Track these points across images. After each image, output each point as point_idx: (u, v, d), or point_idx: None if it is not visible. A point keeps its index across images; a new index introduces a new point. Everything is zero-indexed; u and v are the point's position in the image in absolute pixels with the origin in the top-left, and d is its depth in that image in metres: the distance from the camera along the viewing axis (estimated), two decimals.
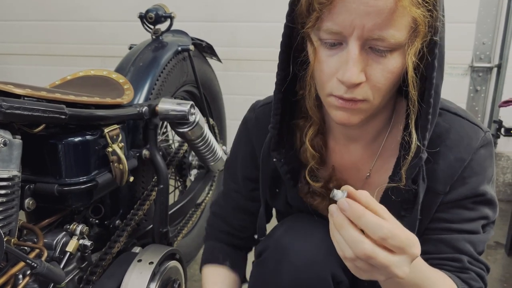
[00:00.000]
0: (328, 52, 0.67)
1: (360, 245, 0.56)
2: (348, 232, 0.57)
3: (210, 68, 1.88)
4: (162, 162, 1.35)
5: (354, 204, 0.58)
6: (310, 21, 0.65)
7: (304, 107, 0.81)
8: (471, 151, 0.76)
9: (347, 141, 0.84)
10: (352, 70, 0.63)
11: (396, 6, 0.60)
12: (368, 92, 0.67)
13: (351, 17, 0.61)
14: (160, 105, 1.30)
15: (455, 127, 0.77)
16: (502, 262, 1.99)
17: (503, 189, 2.59)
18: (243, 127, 0.97)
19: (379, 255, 0.55)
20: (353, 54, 0.63)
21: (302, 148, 0.84)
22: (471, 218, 0.79)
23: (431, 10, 0.63)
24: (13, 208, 0.92)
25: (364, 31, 0.61)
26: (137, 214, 1.33)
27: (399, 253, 0.57)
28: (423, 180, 0.75)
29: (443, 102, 0.80)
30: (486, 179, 0.78)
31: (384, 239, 0.55)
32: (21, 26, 3.08)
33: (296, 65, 0.76)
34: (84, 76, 1.35)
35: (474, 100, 2.53)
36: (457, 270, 0.78)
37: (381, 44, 0.63)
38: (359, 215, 0.57)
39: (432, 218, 0.81)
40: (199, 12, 2.69)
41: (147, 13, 1.55)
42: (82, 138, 1.09)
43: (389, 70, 0.65)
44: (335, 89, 0.68)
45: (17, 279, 0.95)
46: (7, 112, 0.86)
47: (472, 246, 0.79)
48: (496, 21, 2.41)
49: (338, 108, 0.70)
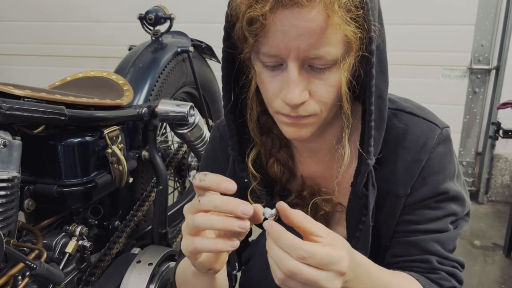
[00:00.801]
0: (271, 73, 0.68)
1: (284, 262, 0.56)
2: (274, 252, 0.57)
3: (210, 69, 1.88)
4: (161, 163, 1.35)
5: (274, 226, 0.57)
6: (247, 46, 0.66)
7: (261, 123, 0.82)
8: (428, 150, 0.75)
9: (310, 152, 0.85)
10: (293, 91, 0.64)
11: (327, 24, 0.60)
12: (314, 106, 0.68)
13: (285, 39, 0.62)
14: (159, 107, 1.31)
15: (411, 127, 0.77)
16: (500, 264, 2.00)
17: (501, 191, 2.60)
18: (209, 146, 0.96)
19: (303, 271, 0.55)
20: (292, 76, 0.64)
21: (268, 164, 0.84)
22: (436, 217, 0.78)
23: (362, 26, 0.64)
24: (13, 209, 0.92)
25: (300, 52, 0.62)
26: (136, 215, 1.33)
27: (325, 269, 0.56)
28: (373, 186, 0.75)
29: (398, 102, 0.80)
30: (447, 177, 0.77)
31: (303, 258, 0.55)
32: (20, 26, 3.08)
33: (238, 88, 0.77)
34: (83, 77, 1.36)
35: (473, 102, 2.54)
36: (427, 271, 0.78)
37: (318, 63, 0.64)
38: (277, 237, 0.57)
39: (399, 221, 0.80)
40: (198, 13, 2.69)
41: (147, 14, 1.56)
42: (82, 139, 1.09)
43: (331, 84, 0.66)
44: (281, 108, 0.69)
45: (17, 280, 0.96)
46: (7, 113, 0.86)
47: (441, 245, 0.78)
48: (494, 23, 2.41)
49: (287, 124, 0.71)
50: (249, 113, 0.78)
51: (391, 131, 0.77)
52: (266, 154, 0.83)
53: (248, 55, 0.68)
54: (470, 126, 2.59)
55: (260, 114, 0.80)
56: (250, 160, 0.80)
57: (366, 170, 0.72)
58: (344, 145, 0.73)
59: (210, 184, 0.58)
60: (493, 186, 2.60)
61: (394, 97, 0.82)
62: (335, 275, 0.57)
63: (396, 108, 0.79)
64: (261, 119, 0.81)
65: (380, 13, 0.69)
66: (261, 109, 0.78)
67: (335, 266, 0.56)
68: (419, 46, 2.48)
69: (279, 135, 0.82)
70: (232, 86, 0.76)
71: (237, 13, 0.66)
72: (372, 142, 0.70)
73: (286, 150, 0.84)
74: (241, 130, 0.81)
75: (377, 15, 0.67)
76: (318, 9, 0.60)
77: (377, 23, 0.66)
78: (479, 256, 2.05)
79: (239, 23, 0.65)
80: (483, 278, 1.88)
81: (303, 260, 0.55)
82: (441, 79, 2.53)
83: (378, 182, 0.77)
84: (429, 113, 0.80)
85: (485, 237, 2.20)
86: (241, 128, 0.81)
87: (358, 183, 0.74)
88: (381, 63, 0.70)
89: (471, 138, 2.61)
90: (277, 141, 0.83)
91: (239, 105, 0.78)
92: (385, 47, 0.70)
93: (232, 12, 0.68)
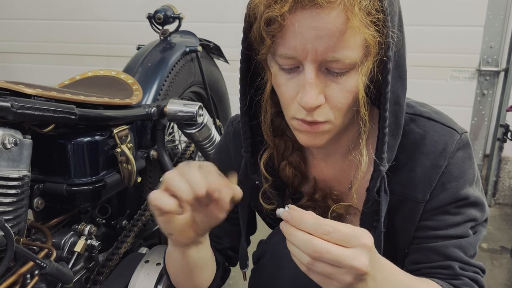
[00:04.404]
0: (287, 76, 0.67)
1: (309, 244, 0.56)
2: (296, 236, 0.58)
3: (217, 69, 1.88)
4: (169, 163, 1.35)
5: (294, 211, 0.59)
6: (264, 47, 0.66)
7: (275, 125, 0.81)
8: (447, 155, 0.75)
9: (324, 155, 0.84)
10: (309, 94, 0.64)
11: (346, 27, 0.59)
12: (329, 113, 0.67)
13: (303, 41, 0.61)
14: (168, 106, 1.30)
15: (430, 132, 0.76)
16: (508, 267, 1.98)
17: (509, 193, 2.58)
18: (223, 140, 0.95)
19: (330, 249, 0.55)
20: (309, 78, 0.64)
21: (280, 167, 0.83)
22: (457, 223, 0.77)
23: (381, 30, 0.63)
24: (23, 208, 0.92)
25: (318, 54, 0.62)
26: (144, 214, 1.33)
27: (349, 246, 0.56)
28: (385, 192, 0.74)
29: (416, 107, 0.79)
30: (467, 182, 0.76)
31: (327, 234, 0.56)
32: (27, 24, 3.09)
33: (252, 90, 0.76)
34: (93, 76, 1.36)
35: (481, 104, 2.53)
36: (449, 278, 0.77)
37: (336, 66, 0.63)
38: (299, 219, 0.58)
39: (418, 226, 0.79)
40: (206, 13, 2.69)
41: (156, 13, 1.56)
42: (91, 139, 1.09)
43: (348, 89, 0.65)
44: (297, 112, 0.68)
45: (26, 279, 0.96)
46: (18, 112, 0.86)
47: (462, 250, 0.77)
48: (504, 25, 2.40)
49: (302, 131, 0.71)
50: (263, 116, 0.77)
51: (409, 136, 0.76)
52: (279, 156, 0.83)
53: (265, 56, 0.68)
54: (478, 128, 2.57)
55: (274, 116, 0.79)
56: (263, 163, 0.80)
57: (378, 176, 0.72)
58: (362, 151, 0.72)
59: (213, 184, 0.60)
60: (500, 188, 2.59)
61: (411, 101, 0.81)
62: (361, 250, 0.56)
63: (414, 113, 0.78)
64: (275, 121, 0.80)
65: (400, 19, 0.68)
66: (275, 110, 0.78)
67: (359, 240, 0.56)
68: (427, 47, 2.46)
69: (292, 138, 0.82)
70: (248, 88, 0.75)
71: (255, 14, 0.65)
72: (385, 149, 0.70)
73: (299, 153, 0.84)
74: (255, 132, 0.80)
75: (397, 21, 0.66)
76: (338, 11, 0.59)
77: (397, 29, 0.65)
78: (486, 259, 2.04)
79: (257, 23, 0.64)
80: (490, 281, 1.87)
81: (328, 235, 0.56)
82: (449, 81, 2.52)
83: (395, 187, 0.77)
84: (447, 118, 0.79)
85: (492, 240, 2.19)
86: (254, 130, 0.80)
87: (371, 189, 0.74)
88: (399, 68, 0.69)
89: (479, 140, 2.59)
90: (290, 144, 0.82)
91: (253, 107, 0.78)
92: (404, 52, 0.69)
93: (250, 13, 0.67)
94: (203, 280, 0.84)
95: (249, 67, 0.74)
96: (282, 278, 0.84)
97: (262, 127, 0.79)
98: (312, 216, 0.58)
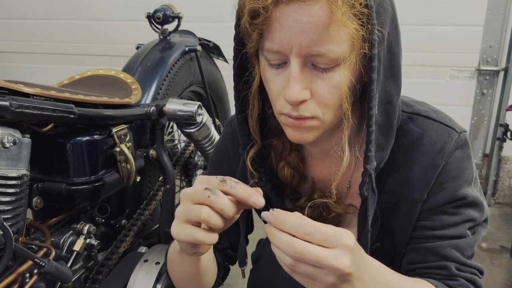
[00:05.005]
0: (275, 71, 0.67)
1: (290, 245, 0.56)
2: (278, 238, 0.57)
3: (217, 69, 1.88)
4: (169, 162, 1.35)
5: (276, 213, 0.59)
6: (251, 41, 0.66)
7: (273, 125, 0.81)
8: (445, 155, 0.74)
9: (321, 155, 0.83)
10: (293, 88, 0.63)
11: (330, 20, 0.59)
12: (315, 108, 0.66)
13: (287, 35, 0.61)
14: (167, 105, 1.30)
15: (428, 131, 0.75)
16: (507, 267, 1.98)
17: (508, 193, 2.58)
18: (221, 140, 0.95)
19: (310, 249, 0.55)
20: (293, 72, 0.63)
21: (278, 168, 0.83)
22: (454, 223, 0.76)
23: (365, 25, 0.62)
24: (22, 207, 0.92)
25: (302, 48, 0.61)
26: (143, 214, 1.33)
27: (331, 247, 0.56)
28: (373, 191, 0.72)
29: (414, 106, 0.78)
30: (465, 182, 0.76)
31: (308, 234, 0.56)
32: (27, 24, 3.09)
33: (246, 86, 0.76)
34: (92, 76, 1.36)
35: (481, 103, 2.53)
36: (445, 278, 0.77)
37: (321, 61, 0.63)
38: (281, 221, 0.58)
39: (415, 226, 0.79)
40: (206, 12, 2.69)
41: (155, 13, 1.56)
42: (90, 138, 1.09)
43: (334, 85, 0.64)
44: (284, 108, 0.68)
45: (25, 278, 0.96)
46: (17, 111, 0.86)
47: (459, 251, 0.76)
48: (503, 25, 2.40)
49: (290, 126, 0.70)
50: (250, 110, 0.77)
51: (407, 135, 0.75)
52: (277, 157, 0.82)
53: (252, 50, 0.68)
54: (478, 128, 2.57)
55: (271, 117, 0.79)
56: (249, 159, 0.79)
57: (364, 174, 0.71)
58: (344, 146, 0.71)
59: (242, 194, 0.60)
60: (500, 188, 2.59)
61: (410, 100, 0.80)
62: (342, 251, 0.56)
63: (412, 112, 0.77)
64: (272, 122, 0.80)
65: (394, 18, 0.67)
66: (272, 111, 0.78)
67: (341, 240, 0.56)
68: (427, 47, 2.47)
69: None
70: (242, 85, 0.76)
71: (242, 8, 0.66)
72: (372, 147, 0.69)
73: (297, 154, 0.83)
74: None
75: (390, 20, 0.66)
76: (321, 4, 0.59)
77: (389, 28, 0.65)
78: (486, 258, 2.04)
79: (244, 17, 0.64)
80: (490, 281, 1.87)
81: (309, 235, 0.56)
82: (448, 80, 2.52)
83: (392, 186, 0.76)
84: (446, 117, 0.78)
85: (492, 240, 2.19)
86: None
87: (360, 187, 0.73)
88: (393, 68, 0.68)
89: (479, 140, 2.59)
90: (287, 144, 0.82)
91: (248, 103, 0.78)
92: (398, 51, 0.69)
93: (240, 9, 0.68)
94: (209, 283, 0.84)
95: (242, 64, 0.74)
96: (280, 279, 0.84)
97: (249, 122, 0.78)
98: (295, 216, 0.58)
